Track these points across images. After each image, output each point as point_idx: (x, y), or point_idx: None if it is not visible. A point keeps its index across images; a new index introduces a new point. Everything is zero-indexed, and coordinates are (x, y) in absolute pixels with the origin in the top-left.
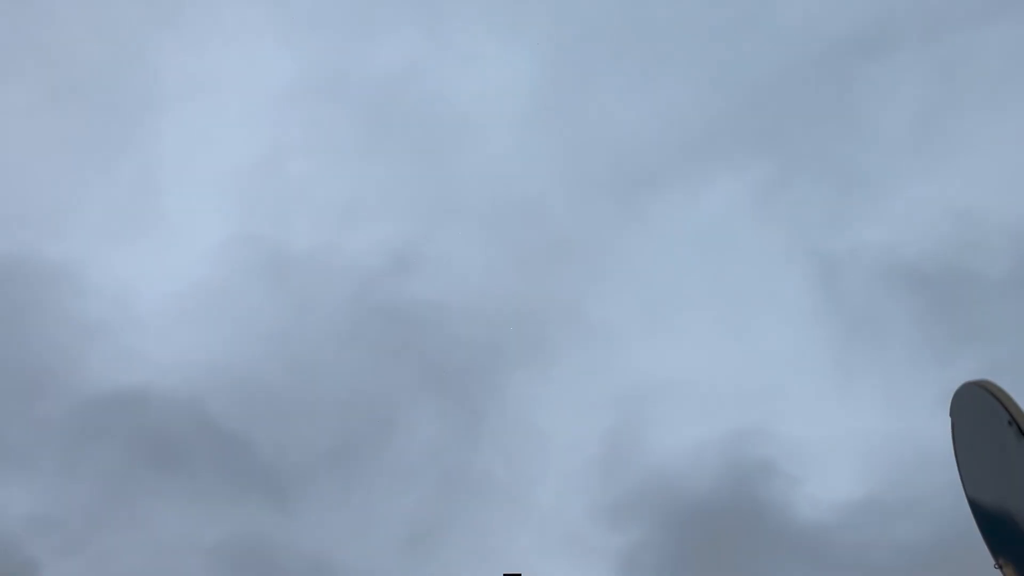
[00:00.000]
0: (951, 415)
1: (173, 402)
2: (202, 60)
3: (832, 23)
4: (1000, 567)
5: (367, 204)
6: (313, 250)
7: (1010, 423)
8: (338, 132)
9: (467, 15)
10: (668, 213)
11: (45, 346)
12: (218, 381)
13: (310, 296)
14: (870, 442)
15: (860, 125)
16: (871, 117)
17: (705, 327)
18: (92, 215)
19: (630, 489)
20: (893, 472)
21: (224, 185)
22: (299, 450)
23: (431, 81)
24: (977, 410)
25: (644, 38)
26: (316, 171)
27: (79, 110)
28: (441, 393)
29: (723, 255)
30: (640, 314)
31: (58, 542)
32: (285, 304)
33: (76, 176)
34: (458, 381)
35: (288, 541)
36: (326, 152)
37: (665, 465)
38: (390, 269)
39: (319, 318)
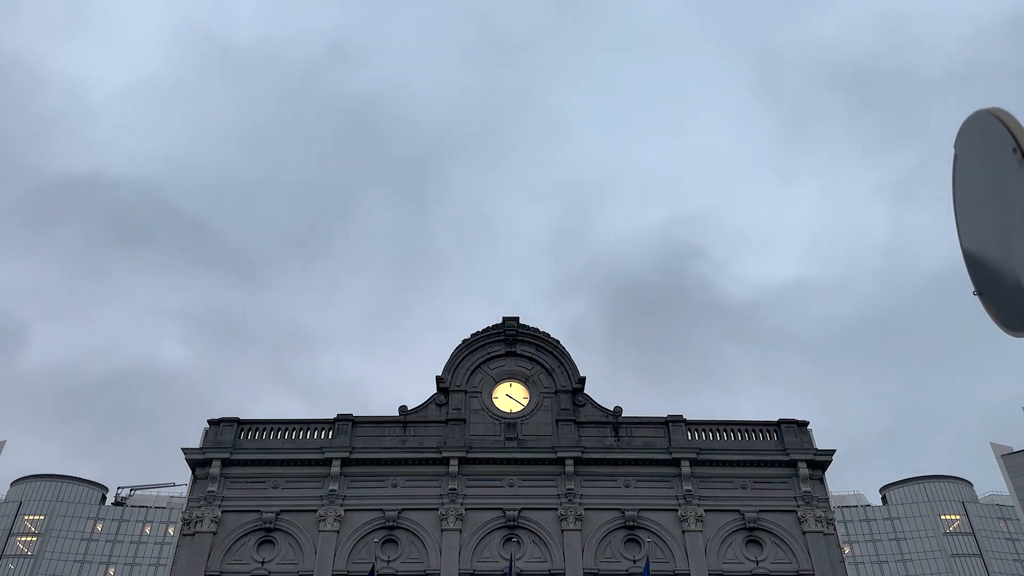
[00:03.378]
0: (955, 147)
1: (133, 187)
2: None
3: None
4: (979, 294)
5: None
6: (257, 42)
7: (1015, 150)
8: None
9: None
10: (612, 8)
11: (3, 136)
12: (176, 168)
13: (258, 87)
14: (805, 229)
15: None
16: None
17: (650, 122)
18: (40, 8)
19: (576, 269)
20: (825, 257)
21: None
22: (259, 233)
23: None
24: (983, 139)
25: None
26: None
27: None
28: (393, 182)
29: (667, 52)
30: (588, 109)
31: (43, 311)
32: (234, 95)
33: None
34: (409, 171)
35: (258, 311)
36: None
37: (609, 249)
38: (335, 61)
39: (268, 109)
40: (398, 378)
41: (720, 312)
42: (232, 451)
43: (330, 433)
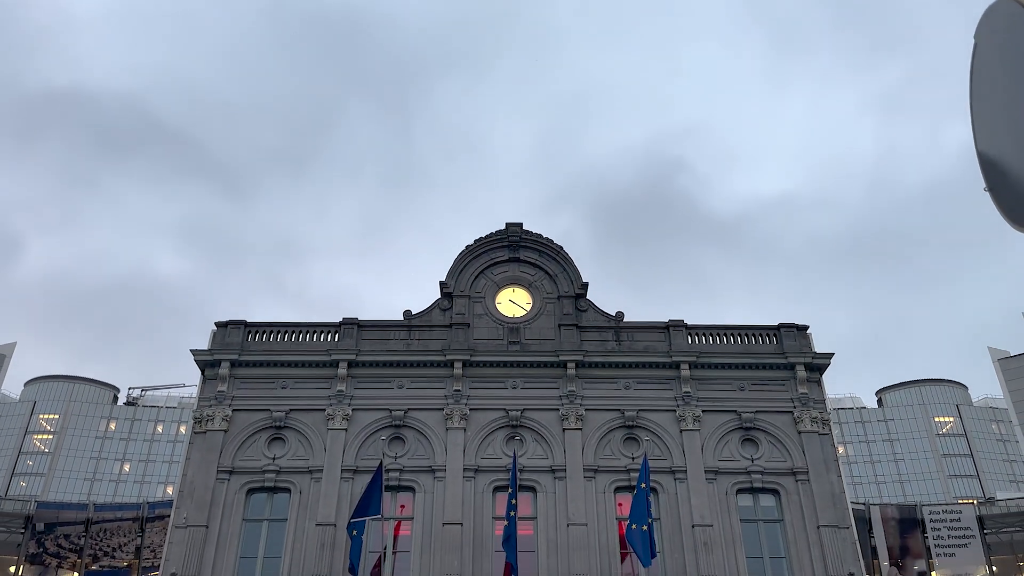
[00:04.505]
0: (976, 37)
1: (117, 100)
2: None
3: None
4: (989, 190)
5: None
6: None
7: None
8: None
9: None
10: None
11: None
12: (159, 82)
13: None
14: (792, 144)
15: None
16: None
17: (638, 35)
18: None
19: (563, 184)
20: (812, 171)
21: None
22: (245, 146)
23: None
24: (1004, 27)
25: None
26: None
27: None
28: (377, 96)
29: None
30: (575, 21)
31: (35, 223)
32: (216, 8)
33: None
34: (393, 84)
35: (249, 224)
36: None
37: (597, 163)
38: None
39: (251, 21)
40: (390, 289)
41: (707, 226)
42: (240, 353)
43: (336, 336)
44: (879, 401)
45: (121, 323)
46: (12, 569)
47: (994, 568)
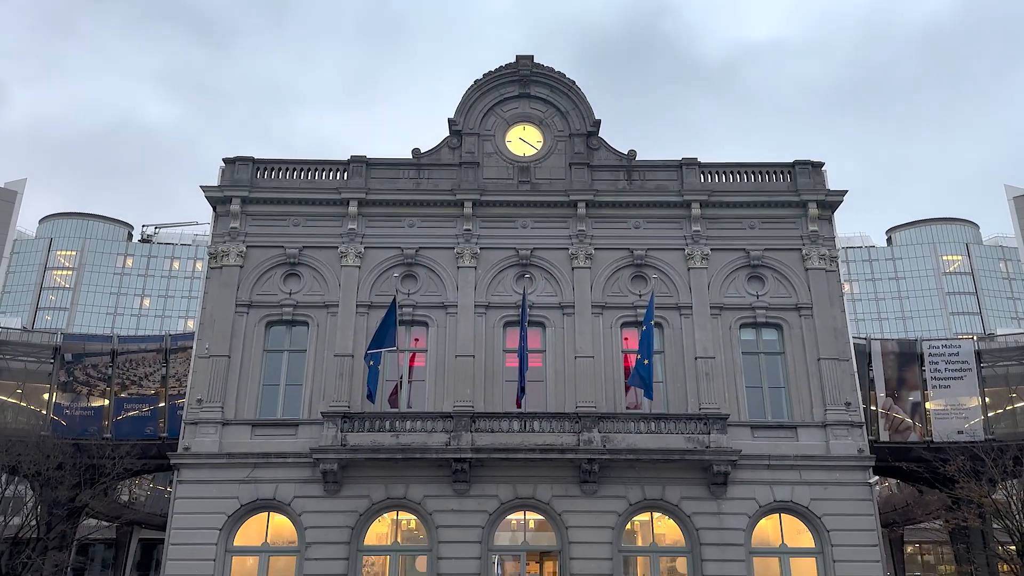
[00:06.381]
0: None
1: None
2: None
3: None
4: None
5: None
6: None
7: None
8: None
9: None
10: None
11: None
12: None
13: None
14: None
15: None
16: None
17: None
18: None
19: (545, 30)
20: (803, 15)
21: None
22: None
23: None
24: None
25: None
26: None
27: None
28: None
29: None
30: None
31: (17, 71)
32: None
33: None
34: None
35: (232, 73)
36: None
37: (580, 8)
38: None
39: None
40: (374, 136)
41: (695, 73)
42: (250, 190)
43: (344, 174)
44: (888, 240)
45: (114, 168)
46: (45, 396)
47: (987, 399)
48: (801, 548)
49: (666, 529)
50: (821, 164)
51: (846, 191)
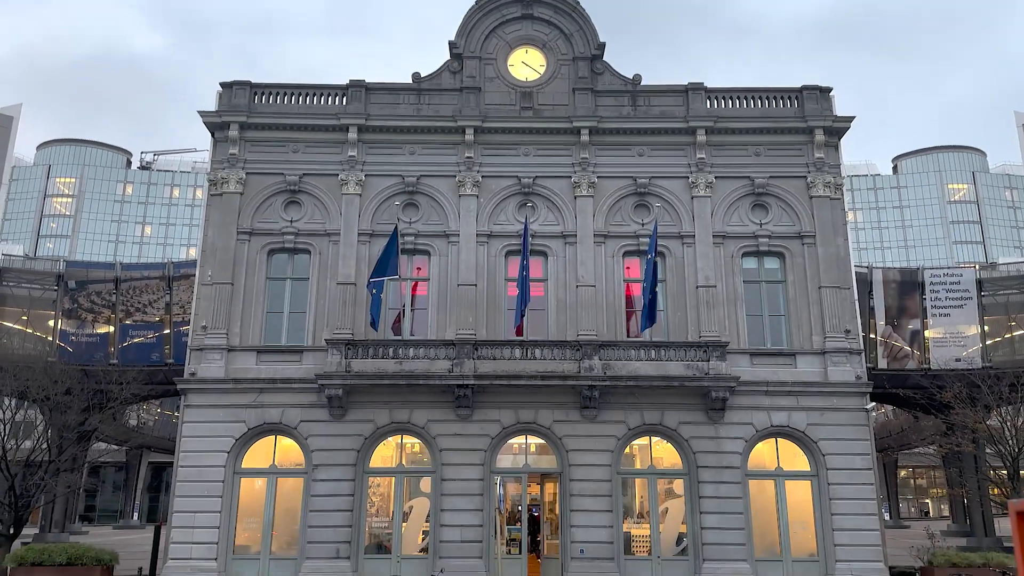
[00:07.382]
0: None
1: None
2: None
3: None
4: None
5: None
6: None
7: None
8: None
9: None
10: None
11: None
12: None
13: None
14: None
15: None
16: None
17: None
18: None
19: None
20: None
21: None
22: None
23: None
24: None
25: None
26: None
27: None
28: None
29: None
30: None
31: None
32: None
33: None
34: None
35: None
36: None
37: None
38: None
39: None
40: (365, 66)
41: (681, 3)
42: (248, 115)
43: (343, 99)
44: (894, 168)
45: (103, 99)
46: (50, 323)
47: (986, 328)
48: (796, 471)
49: (664, 453)
50: (829, 89)
51: (853, 117)
